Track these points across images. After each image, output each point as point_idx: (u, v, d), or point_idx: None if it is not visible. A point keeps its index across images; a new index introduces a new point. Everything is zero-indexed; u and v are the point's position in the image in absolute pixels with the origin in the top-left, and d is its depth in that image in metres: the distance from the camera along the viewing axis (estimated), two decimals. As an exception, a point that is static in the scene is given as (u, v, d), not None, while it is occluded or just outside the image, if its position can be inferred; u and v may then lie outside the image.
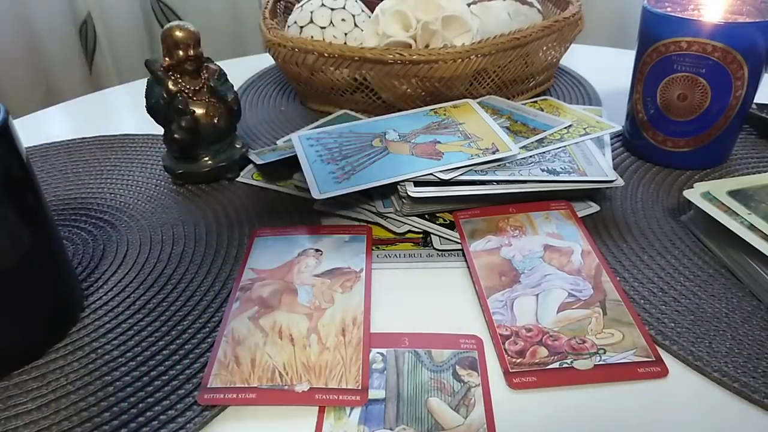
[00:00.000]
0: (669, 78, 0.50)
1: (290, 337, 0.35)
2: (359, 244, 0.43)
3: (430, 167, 0.45)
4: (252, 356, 0.33)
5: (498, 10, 0.63)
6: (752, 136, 0.57)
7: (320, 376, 0.32)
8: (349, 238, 0.44)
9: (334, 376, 0.33)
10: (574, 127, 0.52)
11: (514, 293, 0.38)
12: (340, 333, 0.35)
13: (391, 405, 0.32)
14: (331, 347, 0.34)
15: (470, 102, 0.56)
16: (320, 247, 0.42)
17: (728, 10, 0.50)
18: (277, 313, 0.37)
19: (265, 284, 0.39)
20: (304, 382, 0.32)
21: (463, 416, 0.31)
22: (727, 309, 0.37)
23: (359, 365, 0.33)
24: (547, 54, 0.63)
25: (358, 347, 0.34)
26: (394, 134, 0.50)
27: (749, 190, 0.42)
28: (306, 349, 0.34)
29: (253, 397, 0.31)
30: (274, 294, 0.38)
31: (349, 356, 0.34)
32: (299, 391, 0.32)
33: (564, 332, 0.35)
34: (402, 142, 0.49)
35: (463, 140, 0.49)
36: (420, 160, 0.46)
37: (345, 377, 0.32)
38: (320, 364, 0.33)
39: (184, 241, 0.46)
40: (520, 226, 0.44)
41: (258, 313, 0.37)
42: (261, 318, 0.36)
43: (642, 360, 0.34)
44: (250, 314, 0.37)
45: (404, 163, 0.46)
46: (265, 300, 0.38)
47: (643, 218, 0.46)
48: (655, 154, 0.53)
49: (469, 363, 0.34)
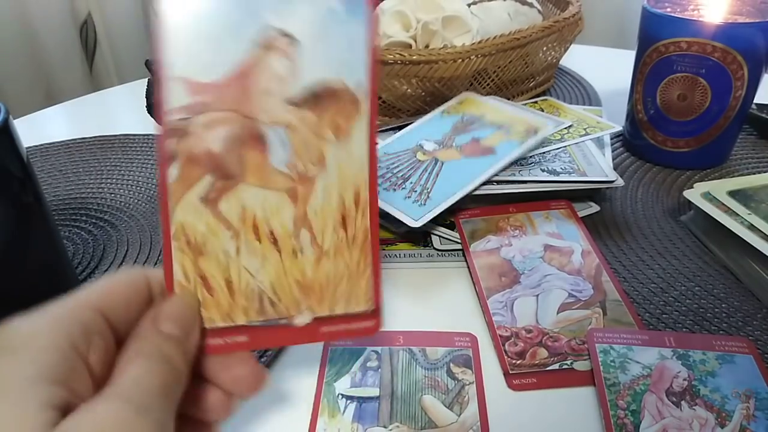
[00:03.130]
0: (669, 78, 0.50)
1: (271, 236, 0.23)
2: (357, 20, 0.23)
3: (495, 163, 0.45)
4: (225, 274, 0.23)
5: (498, 11, 0.63)
6: (752, 137, 0.57)
7: (322, 298, 0.24)
8: (339, 3, 0.22)
9: (340, 295, 0.24)
10: (574, 128, 0.52)
11: (514, 294, 0.38)
12: (340, 224, 0.24)
13: (385, 403, 0.32)
14: (330, 251, 0.24)
15: (469, 94, 0.56)
16: (291, 24, 0.22)
17: (728, 10, 0.50)
18: (242, 189, 0.23)
19: (211, 122, 0.22)
20: (304, 311, 0.24)
21: (457, 414, 0.31)
22: (728, 309, 0.37)
23: (368, 276, 0.24)
24: (547, 54, 0.63)
25: (365, 246, 0.24)
26: (431, 144, 0.49)
27: (749, 190, 0.42)
28: (297, 256, 0.24)
29: (244, 341, 0.23)
30: (232, 146, 0.22)
31: (355, 263, 0.24)
32: (300, 325, 0.24)
33: (564, 333, 0.35)
34: (445, 149, 0.48)
35: (498, 131, 0.49)
36: (478, 160, 0.46)
37: (354, 295, 0.24)
38: (319, 279, 0.24)
39: (184, 241, 0.46)
40: (520, 226, 0.44)
41: (214, 190, 0.22)
42: (221, 200, 0.22)
43: (642, 360, 0.34)
44: (201, 191, 0.22)
45: (469, 166, 0.45)
46: (219, 160, 0.22)
47: (643, 218, 0.46)
48: (655, 154, 0.53)
49: (463, 361, 0.34)
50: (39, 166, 0.58)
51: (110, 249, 0.45)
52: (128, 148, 0.60)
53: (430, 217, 0.41)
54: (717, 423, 0.29)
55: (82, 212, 0.50)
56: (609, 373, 0.32)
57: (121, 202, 0.51)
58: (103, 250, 0.45)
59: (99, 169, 0.57)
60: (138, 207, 0.50)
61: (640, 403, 0.30)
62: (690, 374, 0.32)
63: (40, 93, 1.15)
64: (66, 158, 0.59)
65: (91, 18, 1.18)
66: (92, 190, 0.53)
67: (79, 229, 0.48)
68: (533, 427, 0.31)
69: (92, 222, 0.49)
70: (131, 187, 0.54)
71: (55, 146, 0.61)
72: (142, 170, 0.56)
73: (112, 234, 0.47)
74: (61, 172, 0.57)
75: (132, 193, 0.53)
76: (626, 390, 0.31)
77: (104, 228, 0.48)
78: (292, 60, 0.22)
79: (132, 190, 0.53)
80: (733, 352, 0.33)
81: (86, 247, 0.46)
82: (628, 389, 0.31)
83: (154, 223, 0.48)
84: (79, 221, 0.49)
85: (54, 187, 0.54)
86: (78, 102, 0.75)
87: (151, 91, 0.52)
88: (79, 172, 0.57)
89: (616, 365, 0.32)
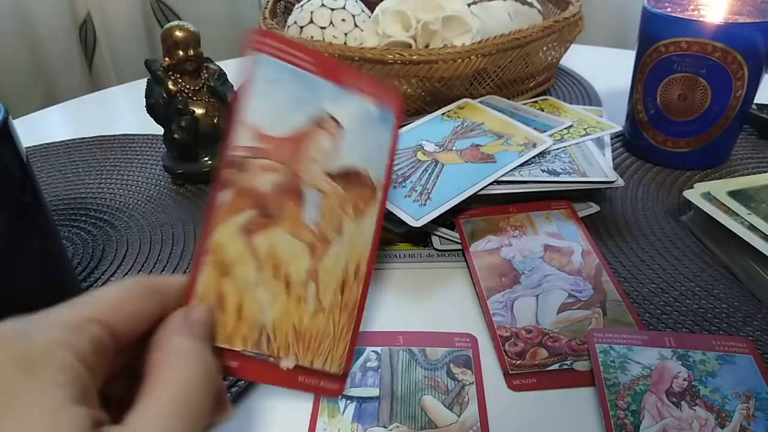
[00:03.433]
0: (669, 78, 0.50)
1: (286, 279, 0.26)
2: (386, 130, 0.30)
3: (495, 171, 0.45)
4: (239, 299, 0.24)
5: (498, 10, 0.63)
6: (752, 137, 0.57)
7: (308, 349, 0.26)
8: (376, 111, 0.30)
9: (321, 351, 0.26)
10: (574, 128, 0.52)
11: (514, 294, 0.38)
12: (339, 288, 0.27)
13: (385, 403, 0.32)
14: (326, 308, 0.27)
15: (469, 101, 0.56)
16: (340, 115, 0.29)
17: (728, 10, 0.50)
18: (276, 231, 0.26)
19: (266, 167, 0.26)
20: (290, 356, 0.25)
21: (457, 414, 0.31)
22: (728, 310, 0.37)
23: (347, 342, 0.27)
24: (547, 54, 0.63)
25: (352, 314, 0.28)
26: (431, 145, 0.50)
27: (749, 191, 0.42)
28: (301, 304, 0.26)
29: (234, 366, 0.24)
30: (277, 192, 0.26)
31: (341, 327, 0.27)
32: (284, 368, 0.25)
33: (564, 333, 0.35)
34: (446, 152, 0.48)
35: (498, 139, 0.49)
36: (479, 166, 0.46)
37: (331, 355, 0.27)
38: (311, 330, 0.26)
39: (184, 241, 0.46)
40: (521, 226, 0.44)
41: (254, 224, 0.25)
42: (257, 234, 0.25)
43: (642, 360, 0.34)
44: (242, 222, 0.25)
45: (470, 171, 0.45)
46: (265, 200, 0.26)
47: (644, 218, 0.46)
48: (655, 154, 0.53)
49: (463, 361, 0.34)
50: (38, 166, 0.58)
51: (110, 249, 0.45)
52: (128, 148, 0.60)
53: (430, 218, 0.41)
54: (717, 423, 0.29)
55: (82, 212, 0.50)
56: (609, 374, 0.32)
57: (121, 202, 0.51)
58: (103, 251, 0.45)
59: (98, 169, 0.57)
60: (137, 207, 0.50)
61: (640, 404, 0.30)
62: (690, 374, 0.32)
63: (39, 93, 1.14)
64: (65, 158, 0.59)
65: (91, 18, 1.17)
66: (92, 190, 0.53)
67: (79, 229, 0.48)
68: (533, 427, 0.31)
69: (92, 222, 0.49)
70: (131, 187, 0.54)
71: (54, 146, 0.61)
72: (142, 170, 0.56)
73: (112, 234, 0.47)
74: (61, 172, 0.57)
75: (132, 193, 0.53)
76: (626, 390, 0.31)
77: (104, 228, 0.48)
78: (336, 141, 0.28)
79: (132, 191, 0.53)
80: (733, 353, 0.33)
81: (86, 248, 0.46)
82: (628, 389, 0.31)
83: (154, 223, 0.48)
84: (78, 221, 0.49)
85: (53, 187, 0.54)
86: (77, 102, 0.75)
87: (150, 91, 0.52)
88: (79, 172, 0.57)
89: (616, 365, 0.32)
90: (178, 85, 0.50)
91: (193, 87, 0.51)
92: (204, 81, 0.51)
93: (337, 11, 0.63)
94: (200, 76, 0.51)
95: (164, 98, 0.50)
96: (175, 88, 0.50)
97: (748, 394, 0.31)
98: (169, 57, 0.50)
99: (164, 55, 0.50)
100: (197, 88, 0.51)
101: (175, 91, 0.50)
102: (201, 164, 0.52)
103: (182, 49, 0.49)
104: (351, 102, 0.29)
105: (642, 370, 0.32)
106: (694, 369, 0.32)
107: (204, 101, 0.51)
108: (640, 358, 0.33)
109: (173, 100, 0.50)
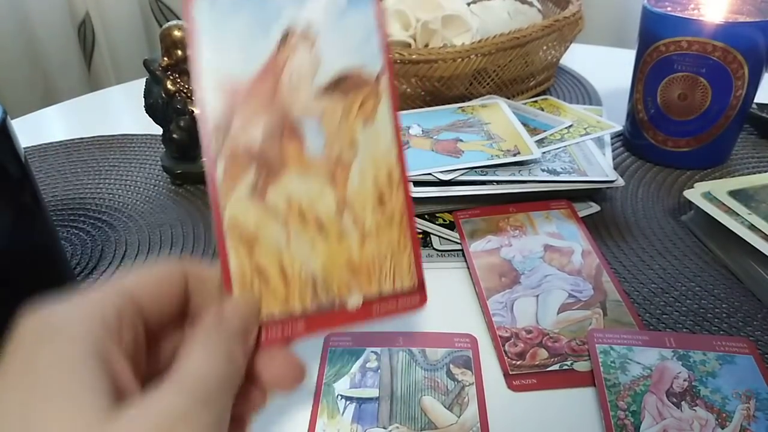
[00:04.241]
0: (669, 78, 0.49)
1: (317, 221, 0.24)
2: (364, 8, 0.25)
3: (449, 164, 0.45)
4: (279, 264, 0.23)
5: (498, 10, 0.63)
6: (752, 136, 0.57)
7: (370, 279, 0.25)
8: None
9: (385, 274, 0.25)
10: (574, 127, 0.52)
11: (514, 294, 0.38)
12: (378, 203, 0.25)
13: (384, 404, 0.32)
14: (372, 231, 0.25)
15: (500, 103, 0.55)
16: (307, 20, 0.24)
17: (729, 9, 0.50)
18: (286, 179, 0.24)
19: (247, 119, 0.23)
20: (354, 293, 0.24)
21: (457, 415, 0.31)
22: (728, 310, 0.37)
23: (409, 252, 0.25)
24: (547, 53, 0.63)
25: (402, 222, 0.25)
26: (417, 129, 0.50)
27: (749, 190, 0.42)
28: (343, 239, 0.24)
29: (301, 329, 0.23)
30: (271, 140, 0.24)
31: (395, 241, 0.25)
32: (353, 308, 0.24)
33: (564, 333, 0.35)
34: (424, 138, 0.49)
35: (485, 140, 0.49)
36: (440, 157, 0.46)
37: (399, 273, 0.25)
38: (366, 260, 0.25)
39: (183, 242, 0.45)
40: (520, 226, 0.44)
41: (260, 182, 0.24)
42: (267, 191, 0.24)
43: (643, 361, 0.33)
44: (247, 185, 0.23)
45: (424, 159, 0.46)
46: (261, 154, 0.23)
47: (644, 218, 0.46)
48: (655, 154, 0.53)
49: (463, 362, 0.34)
50: (37, 166, 0.57)
51: (108, 249, 0.45)
52: (126, 148, 0.60)
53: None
54: (717, 424, 0.29)
55: (81, 213, 0.50)
56: (609, 374, 0.32)
57: (120, 202, 0.51)
58: (102, 251, 0.45)
59: (97, 169, 0.57)
60: (136, 207, 0.50)
61: (640, 404, 0.30)
62: (690, 375, 0.32)
63: (38, 93, 1.14)
64: (64, 158, 0.59)
65: (89, 18, 1.17)
66: (90, 191, 0.53)
67: (78, 229, 0.48)
68: (533, 428, 0.31)
69: (90, 222, 0.49)
70: (130, 187, 0.53)
71: (53, 146, 0.61)
72: (141, 170, 0.56)
73: (111, 234, 0.47)
74: (60, 172, 0.56)
75: (130, 193, 0.52)
76: (626, 391, 0.31)
77: (102, 228, 0.48)
78: (313, 52, 0.24)
79: (130, 191, 0.53)
80: (734, 353, 0.33)
81: (84, 248, 0.45)
82: (628, 390, 0.31)
83: (153, 223, 0.48)
84: (77, 222, 0.49)
85: (52, 188, 0.54)
86: (76, 102, 0.75)
87: (149, 90, 0.52)
88: (78, 172, 0.56)
89: (616, 366, 0.32)
90: (177, 84, 0.50)
91: (191, 87, 0.51)
92: (203, 81, 0.51)
93: (336, 11, 0.63)
94: (199, 76, 0.51)
95: (163, 98, 0.50)
96: (173, 87, 0.50)
97: (749, 394, 0.30)
98: (168, 56, 0.50)
99: (163, 55, 0.50)
100: (196, 88, 0.51)
101: (174, 91, 0.50)
102: (200, 164, 0.52)
103: (181, 49, 0.49)
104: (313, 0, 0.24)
105: (642, 371, 0.32)
106: (694, 369, 0.32)
107: (203, 101, 0.51)
108: (641, 359, 0.33)
109: (172, 99, 0.50)
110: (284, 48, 0.23)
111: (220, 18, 0.23)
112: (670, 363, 0.32)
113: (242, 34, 0.23)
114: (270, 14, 0.23)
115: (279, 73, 0.24)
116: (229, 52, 0.23)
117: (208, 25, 0.23)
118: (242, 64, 0.23)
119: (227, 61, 0.23)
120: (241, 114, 0.23)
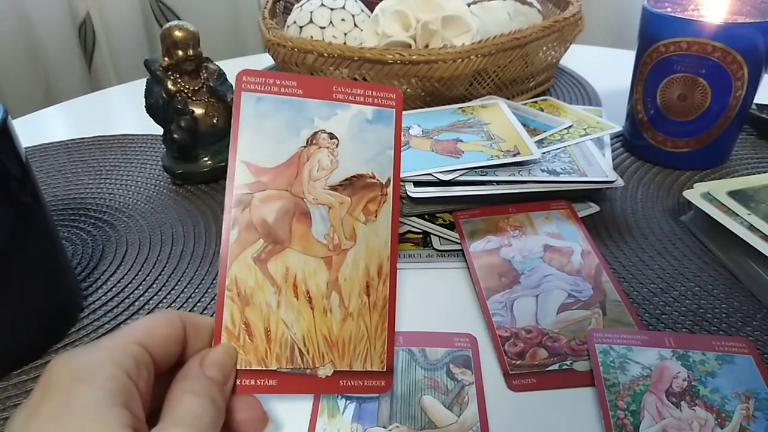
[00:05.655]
0: (669, 78, 0.49)
1: (307, 295, 0.27)
2: (386, 126, 0.30)
3: (449, 165, 0.45)
4: (265, 324, 0.27)
5: (498, 10, 0.63)
6: (752, 137, 0.57)
7: (344, 354, 0.27)
8: (372, 111, 0.30)
9: (358, 354, 0.28)
10: (574, 128, 0.52)
11: (514, 294, 0.38)
12: (364, 290, 0.28)
13: (384, 403, 0.32)
14: (354, 312, 0.28)
15: (500, 103, 0.55)
16: (334, 128, 0.29)
17: (728, 10, 0.50)
18: (288, 253, 0.28)
19: (267, 198, 0.28)
20: (327, 364, 0.27)
21: (457, 414, 0.31)
22: (728, 310, 0.37)
23: (384, 339, 0.28)
24: (547, 54, 0.63)
25: (383, 312, 0.28)
26: (417, 129, 0.51)
27: (749, 191, 0.42)
28: (327, 315, 0.28)
29: (273, 385, 0.26)
30: (282, 218, 0.28)
31: (374, 326, 0.28)
32: (323, 376, 0.27)
33: (564, 333, 0.35)
34: (424, 138, 0.49)
35: (485, 140, 0.49)
36: (440, 157, 0.46)
37: (370, 355, 0.28)
38: (343, 337, 0.28)
39: (184, 241, 0.46)
40: (520, 226, 0.44)
41: (264, 252, 0.27)
42: (269, 260, 0.27)
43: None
44: (254, 252, 0.27)
45: (424, 159, 0.46)
46: (271, 228, 0.27)
47: (643, 218, 0.46)
48: (655, 154, 0.53)
49: (463, 361, 0.34)
50: (38, 166, 0.58)
51: (109, 249, 0.45)
52: (127, 148, 0.60)
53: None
54: (717, 423, 0.29)
55: (81, 212, 0.50)
56: (609, 374, 0.32)
57: (120, 202, 0.51)
58: (102, 251, 0.45)
59: (98, 169, 0.57)
60: (137, 207, 0.50)
61: (639, 404, 0.30)
62: (690, 375, 0.32)
63: (38, 93, 1.14)
64: (65, 158, 0.59)
65: (90, 18, 1.17)
66: (91, 191, 0.53)
67: (78, 229, 0.48)
68: (533, 427, 0.31)
69: (91, 222, 0.49)
70: (130, 187, 0.53)
71: (53, 146, 0.61)
72: (141, 170, 0.56)
73: (111, 234, 0.47)
74: (60, 172, 0.57)
75: (131, 193, 0.53)
76: (626, 390, 0.31)
77: (103, 228, 0.48)
78: (334, 153, 0.29)
79: (131, 191, 0.53)
80: (733, 353, 0.33)
81: (85, 248, 0.45)
82: (627, 390, 0.31)
83: (153, 223, 0.48)
84: (78, 221, 0.49)
85: (53, 188, 0.54)
86: (77, 102, 0.75)
87: (150, 90, 0.52)
88: (78, 172, 0.56)
89: (615, 366, 0.32)
90: (178, 85, 0.50)
91: (192, 87, 0.51)
92: (203, 81, 0.51)
93: (336, 11, 0.63)
94: (200, 76, 0.51)
95: (163, 98, 0.50)
96: (174, 88, 0.50)
97: (748, 394, 0.31)
98: (169, 57, 0.50)
99: (163, 55, 0.50)
100: (197, 88, 0.51)
101: (175, 91, 0.50)
102: (200, 164, 0.52)
103: (181, 49, 0.49)
104: (343, 111, 0.29)
105: (642, 371, 0.32)
106: (693, 369, 0.32)
107: (203, 101, 0.51)
108: (640, 359, 0.33)
109: (173, 100, 0.50)
110: (309, 148, 0.28)
111: (262, 114, 0.28)
112: (670, 363, 0.32)
113: (277, 131, 0.28)
114: (302, 120, 0.28)
115: (300, 166, 0.28)
116: (264, 142, 0.28)
117: (251, 117, 0.28)
118: (272, 153, 0.28)
119: (260, 148, 0.28)
120: (262, 193, 0.27)
